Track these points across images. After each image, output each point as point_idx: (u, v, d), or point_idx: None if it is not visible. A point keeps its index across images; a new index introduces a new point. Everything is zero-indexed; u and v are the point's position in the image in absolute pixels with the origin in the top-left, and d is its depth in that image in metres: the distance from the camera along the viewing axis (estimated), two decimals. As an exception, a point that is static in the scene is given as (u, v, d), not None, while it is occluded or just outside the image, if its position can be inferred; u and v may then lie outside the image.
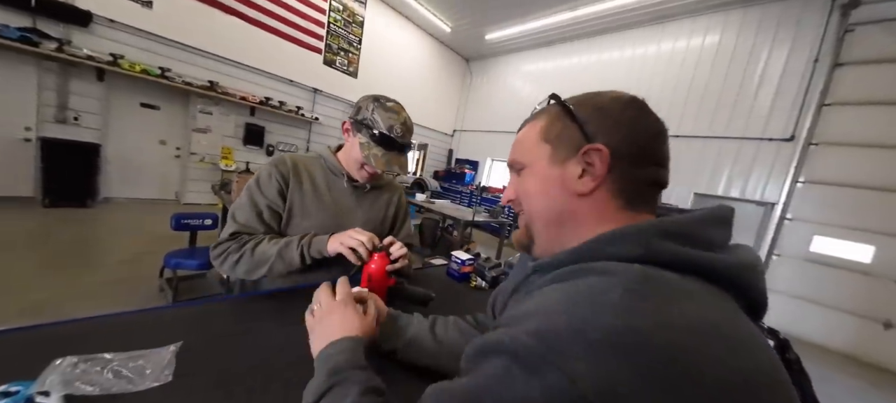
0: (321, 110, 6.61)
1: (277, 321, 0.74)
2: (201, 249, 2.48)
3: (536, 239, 0.45)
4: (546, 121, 0.44)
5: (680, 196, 5.38)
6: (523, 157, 0.46)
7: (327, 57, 6.54)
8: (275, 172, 0.94)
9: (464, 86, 9.55)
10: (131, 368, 0.52)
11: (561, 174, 0.41)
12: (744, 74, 4.89)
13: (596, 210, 0.40)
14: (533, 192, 0.44)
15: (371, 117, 0.89)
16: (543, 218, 0.44)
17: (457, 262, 1.19)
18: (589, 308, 0.28)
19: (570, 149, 0.41)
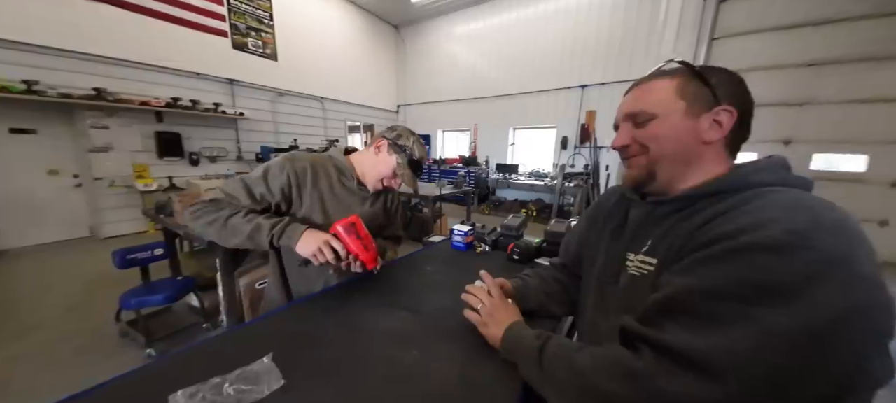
0: (245, 104, 5.90)
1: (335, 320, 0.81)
2: (161, 282, 2.24)
3: (660, 176, 0.55)
4: (679, 82, 0.53)
5: (610, 135, 6.02)
6: (654, 109, 0.53)
7: (236, 40, 5.74)
8: (288, 167, 0.97)
9: (399, 56, 9.15)
10: (244, 381, 0.56)
11: (694, 125, 0.51)
12: (650, 18, 5.49)
13: (713, 155, 0.53)
14: (665, 138, 0.53)
15: (410, 147, 1.03)
16: (672, 159, 0.53)
17: (459, 235, 1.31)
18: (806, 211, 0.38)
19: (703, 107, 0.51)
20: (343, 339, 0.74)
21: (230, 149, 5.81)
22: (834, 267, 0.34)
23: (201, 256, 3.31)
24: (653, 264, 0.53)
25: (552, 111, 6.76)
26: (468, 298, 0.75)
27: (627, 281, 0.57)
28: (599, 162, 6.15)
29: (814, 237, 0.35)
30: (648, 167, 0.55)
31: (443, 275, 1.11)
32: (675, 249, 0.49)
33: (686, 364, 0.38)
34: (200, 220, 0.90)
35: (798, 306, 0.34)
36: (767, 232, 0.37)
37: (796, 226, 0.36)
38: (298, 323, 0.81)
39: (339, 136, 7.41)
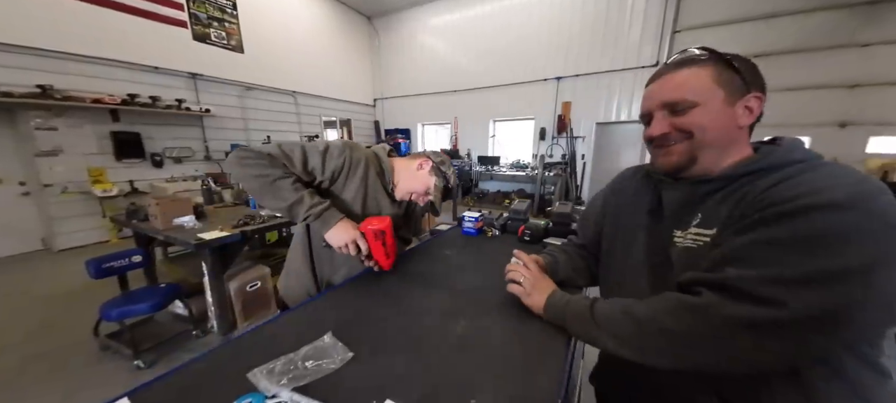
0: (210, 99, 5.54)
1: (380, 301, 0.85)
2: (144, 290, 2.11)
3: (701, 160, 0.59)
4: (714, 70, 0.56)
5: (585, 126, 6.37)
6: (696, 97, 0.56)
7: (197, 30, 5.36)
8: (347, 154, 1.01)
9: (373, 48, 8.94)
10: (314, 356, 0.59)
11: (733, 112, 0.56)
12: (619, 12, 5.77)
13: (744, 137, 0.59)
14: (708, 125, 0.56)
15: (449, 175, 1.12)
16: (714, 143, 0.57)
17: (470, 221, 1.37)
18: (852, 177, 0.45)
19: (737, 94, 0.56)
20: (392, 316, 0.78)
21: (197, 148, 5.46)
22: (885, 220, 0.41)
23: (183, 261, 3.13)
24: (709, 235, 0.55)
25: (530, 103, 6.93)
26: (511, 274, 0.81)
27: (681, 253, 0.59)
28: (576, 151, 6.44)
29: (868, 198, 0.42)
30: (691, 153, 0.58)
31: (465, 258, 1.17)
32: (737, 216, 0.51)
33: (742, 295, 0.44)
34: (248, 169, 0.89)
35: (850, 251, 0.41)
36: (826, 196, 0.43)
37: (851, 190, 0.43)
38: (345, 305, 0.83)
39: (315, 132, 7.17)
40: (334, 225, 0.93)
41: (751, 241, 0.47)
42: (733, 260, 0.47)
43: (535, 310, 0.75)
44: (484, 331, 0.71)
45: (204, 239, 1.98)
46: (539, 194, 5.89)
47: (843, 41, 4.39)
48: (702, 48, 0.59)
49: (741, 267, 0.46)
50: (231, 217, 2.49)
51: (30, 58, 3.67)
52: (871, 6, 4.19)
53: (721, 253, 0.49)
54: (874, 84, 4.31)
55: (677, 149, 0.59)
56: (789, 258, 0.43)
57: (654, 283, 0.64)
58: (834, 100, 4.56)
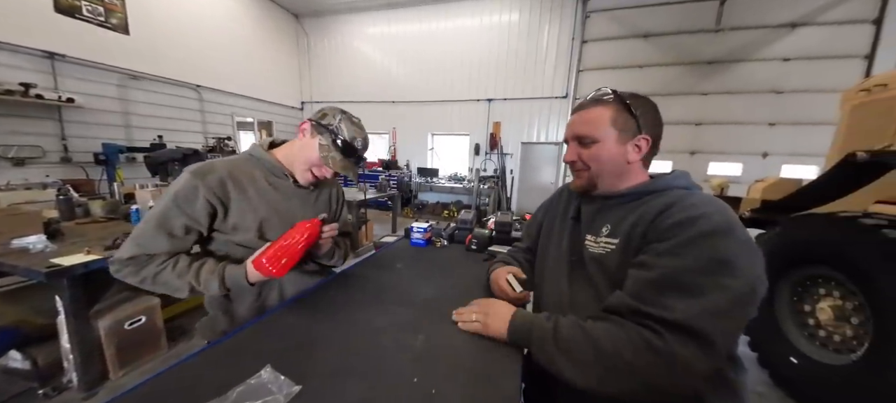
0: (75, 86, 4.41)
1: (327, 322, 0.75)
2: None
3: (599, 186, 0.72)
4: (614, 112, 0.67)
5: (513, 144, 6.97)
6: (596, 134, 0.68)
7: (62, 1, 4.27)
8: (202, 187, 0.80)
9: (300, 48, 8.32)
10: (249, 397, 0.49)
11: (622, 150, 0.68)
12: (537, 47, 6.56)
13: (635, 169, 0.71)
14: (603, 159, 0.69)
15: (337, 125, 0.89)
16: (609, 174, 0.70)
17: (419, 232, 1.34)
18: (714, 204, 0.57)
19: (628, 135, 0.67)
20: (343, 338, 0.69)
21: (51, 147, 4.24)
22: (751, 244, 0.54)
23: (21, 297, 2.31)
24: (614, 243, 0.66)
25: (465, 120, 7.32)
26: (462, 319, 0.77)
27: (591, 258, 0.70)
28: (506, 166, 6.97)
29: (734, 222, 0.55)
30: (590, 179, 0.73)
31: (417, 269, 1.13)
32: (639, 234, 0.62)
33: (690, 334, 0.50)
34: (129, 279, 0.80)
35: (740, 273, 0.51)
36: (713, 220, 0.54)
37: (724, 216, 0.55)
38: (283, 332, 0.72)
39: (225, 134, 6.23)
40: (246, 272, 0.82)
41: (675, 267, 0.54)
42: (667, 288, 0.54)
43: (497, 337, 0.71)
44: (444, 343, 0.69)
45: (59, 266, 1.51)
46: (476, 205, 6.18)
47: (690, 89, 5.79)
48: (612, 90, 0.70)
49: (677, 298, 0.52)
50: (102, 235, 1.97)
51: None
52: (709, 65, 5.62)
53: (655, 276, 0.56)
54: (711, 123, 5.76)
55: (583, 175, 0.73)
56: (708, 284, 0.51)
57: (570, 276, 0.76)
58: (686, 133, 5.93)
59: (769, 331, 1.98)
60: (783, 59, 5.25)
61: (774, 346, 1.96)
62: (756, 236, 2.14)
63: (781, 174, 5.37)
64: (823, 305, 1.78)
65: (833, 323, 1.72)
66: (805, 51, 5.13)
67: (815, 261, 1.82)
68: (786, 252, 1.93)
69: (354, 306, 0.84)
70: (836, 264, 1.70)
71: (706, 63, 5.64)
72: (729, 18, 5.32)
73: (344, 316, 0.79)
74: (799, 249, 1.89)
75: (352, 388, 0.54)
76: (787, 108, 5.34)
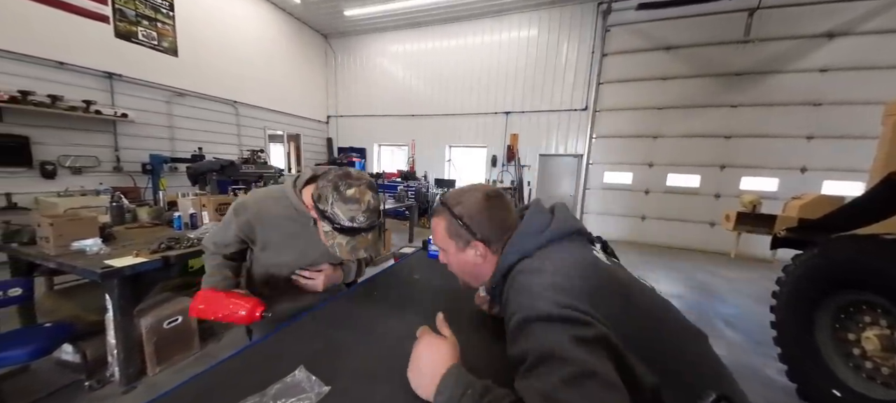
0: (129, 103, 4.86)
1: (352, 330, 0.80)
2: (21, 332, 1.68)
3: (473, 285, 0.77)
4: (446, 223, 0.70)
5: (531, 156, 6.96)
6: (442, 244, 0.73)
7: (122, 27, 4.77)
8: (233, 221, 1.01)
9: (328, 66, 8.78)
10: (286, 394, 0.53)
11: (465, 256, 0.70)
12: (555, 61, 6.59)
13: (488, 261, 0.69)
14: (455, 265, 0.73)
15: (331, 212, 0.83)
16: (470, 277, 0.75)
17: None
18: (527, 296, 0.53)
19: (465, 241, 0.68)
20: (366, 344, 0.74)
21: (105, 157, 4.66)
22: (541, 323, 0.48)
23: (74, 294, 2.55)
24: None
25: (483, 132, 7.42)
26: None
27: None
28: (523, 178, 6.95)
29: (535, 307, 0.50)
30: (464, 282, 0.77)
31: (434, 281, 1.17)
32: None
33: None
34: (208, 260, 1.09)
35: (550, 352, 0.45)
36: (518, 317, 0.51)
37: (526, 307, 0.51)
38: (314, 336, 0.77)
39: (259, 147, 6.60)
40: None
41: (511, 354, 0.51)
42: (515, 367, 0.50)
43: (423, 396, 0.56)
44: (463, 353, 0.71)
45: (113, 267, 1.66)
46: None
47: (718, 101, 5.59)
48: (442, 200, 0.73)
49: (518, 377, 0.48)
50: (149, 239, 2.14)
51: None
52: (738, 77, 5.41)
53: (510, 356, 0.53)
54: (743, 136, 5.50)
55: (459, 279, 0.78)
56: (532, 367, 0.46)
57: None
58: (715, 147, 5.69)
59: (810, 360, 1.85)
60: (820, 70, 4.98)
61: (815, 377, 1.82)
62: (792, 257, 2.02)
63: (823, 190, 5.03)
64: (869, 334, 1.65)
65: (880, 353, 1.59)
66: (844, 61, 4.86)
67: (858, 286, 1.70)
68: (826, 275, 1.81)
69: (376, 315, 0.89)
70: (882, 290, 1.58)
71: (735, 75, 5.44)
72: (759, 29, 5.14)
73: (367, 323, 0.84)
74: (840, 273, 1.77)
75: (376, 391, 0.58)
76: (826, 121, 5.03)
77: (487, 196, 0.68)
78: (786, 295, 1.95)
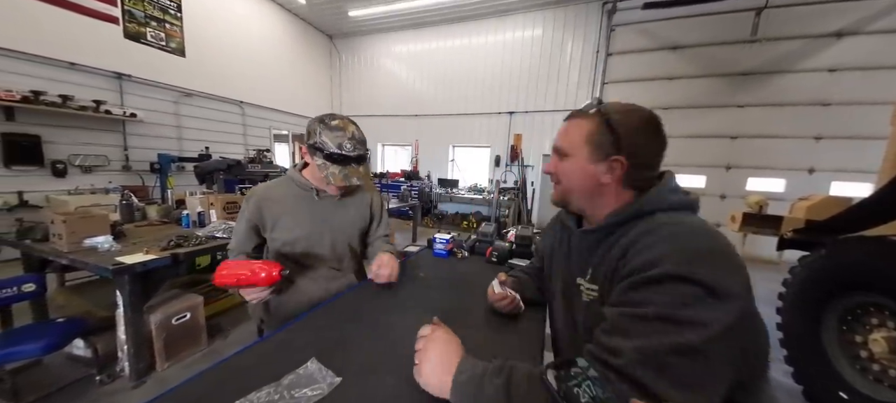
0: (137, 103, 4.91)
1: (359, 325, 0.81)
2: (33, 327, 1.72)
3: (571, 204, 0.67)
4: (592, 128, 0.61)
5: (534, 157, 6.95)
6: (569, 149, 0.63)
7: (131, 28, 4.83)
8: (244, 209, 1.08)
9: (332, 66, 8.82)
10: (300, 384, 0.55)
11: (594, 169, 0.61)
12: (560, 61, 6.57)
13: (613, 191, 0.62)
14: (571, 176, 0.63)
15: (320, 140, 0.92)
16: (578, 193, 0.64)
17: (441, 243, 1.40)
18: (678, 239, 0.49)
19: (603, 154, 0.60)
20: (375, 338, 0.76)
21: (114, 156, 4.73)
22: (710, 294, 0.43)
23: (85, 290, 2.60)
24: (596, 290, 0.61)
25: (486, 132, 7.42)
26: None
27: (583, 306, 0.64)
28: (527, 178, 6.94)
29: (694, 269, 0.45)
30: (561, 195, 0.67)
31: (439, 279, 1.19)
32: (608, 278, 0.56)
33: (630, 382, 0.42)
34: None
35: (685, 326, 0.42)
36: (664, 266, 0.46)
37: (680, 257, 0.46)
38: (325, 330, 0.79)
39: (264, 147, 6.67)
40: None
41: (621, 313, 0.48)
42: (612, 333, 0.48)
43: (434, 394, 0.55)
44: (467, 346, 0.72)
45: (124, 263, 1.70)
46: (495, 217, 6.18)
47: (724, 102, 5.53)
48: (599, 102, 0.64)
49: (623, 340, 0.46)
50: (158, 237, 2.18)
51: None
52: (745, 77, 5.36)
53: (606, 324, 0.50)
54: (749, 136, 5.46)
55: (556, 189, 0.69)
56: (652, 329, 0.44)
57: (565, 321, 0.73)
58: (721, 147, 5.64)
59: (816, 363, 1.84)
60: (829, 70, 4.92)
61: (822, 380, 1.81)
62: (799, 258, 2.01)
63: (831, 191, 4.97)
64: (877, 336, 1.63)
65: (888, 356, 1.58)
66: (853, 61, 4.79)
67: (865, 288, 1.69)
68: (832, 277, 1.80)
69: (384, 310, 0.91)
70: (889, 292, 1.57)
71: (741, 74, 5.39)
72: (766, 29, 5.09)
73: (375, 318, 0.86)
74: (847, 274, 1.76)
75: (385, 384, 0.60)
76: (834, 121, 4.97)
77: (653, 119, 0.60)
78: (792, 297, 1.95)
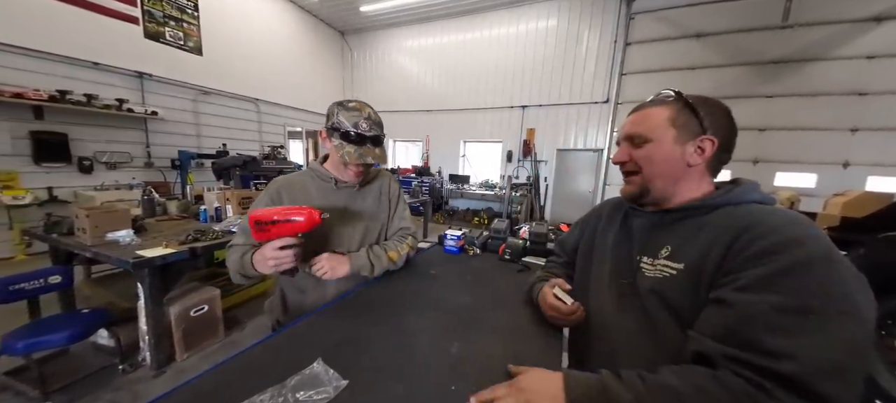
0: (158, 101, 5.06)
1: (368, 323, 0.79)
2: (59, 317, 1.79)
3: (653, 192, 0.64)
4: (673, 111, 0.61)
5: (547, 152, 6.81)
6: (650, 134, 0.62)
7: (150, 28, 4.96)
8: (265, 195, 1.05)
9: (344, 62, 8.87)
10: (305, 386, 0.54)
11: (680, 151, 0.61)
12: (575, 52, 6.38)
13: (697, 175, 0.63)
14: (657, 161, 0.62)
15: (337, 120, 0.96)
16: (663, 177, 0.63)
17: (452, 239, 1.37)
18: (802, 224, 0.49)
19: (690, 134, 0.60)
20: (383, 338, 0.74)
21: (137, 153, 4.90)
22: (855, 271, 0.45)
23: (109, 282, 2.71)
24: (676, 268, 0.58)
25: (498, 127, 7.30)
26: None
27: (648, 284, 0.61)
28: (539, 174, 6.82)
29: (831, 247, 0.46)
30: (642, 184, 0.65)
31: (450, 276, 1.15)
32: (714, 260, 0.52)
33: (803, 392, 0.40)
34: (231, 267, 0.97)
35: (858, 310, 0.43)
36: (808, 247, 0.46)
37: (821, 240, 0.47)
38: (331, 328, 0.78)
39: (278, 143, 6.79)
40: (255, 263, 0.89)
41: (776, 306, 0.45)
42: (770, 330, 0.44)
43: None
44: (479, 352, 0.70)
45: (144, 257, 1.75)
46: (507, 212, 6.10)
47: (752, 92, 5.25)
48: (674, 91, 0.64)
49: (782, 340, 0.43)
50: (177, 231, 2.24)
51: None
52: (774, 65, 5.07)
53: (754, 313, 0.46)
54: (779, 128, 5.18)
55: (634, 180, 0.66)
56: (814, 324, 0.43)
57: (618, 303, 0.67)
58: (748, 140, 5.36)
59: (849, 368, 1.73)
60: (867, 57, 4.60)
61: (856, 386, 1.70)
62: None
63: (867, 187, 4.67)
64: (920, 342, 1.52)
65: (933, 364, 1.47)
66: (893, 47, 4.46)
67: (908, 291, 1.57)
68: (871, 278, 1.67)
69: (393, 308, 0.89)
70: (937, 295, 1.45)
71: (770, 63, 5.10)
72: (799, 14, 4.78)
73: (383, 317, 0.84)
74: (887, 275, 1.64)
75: (394, 387, 0.58)
76: (872, 112, 4.65)
77: (726, 106, 0.62)
78: (826, 299, 1.83)
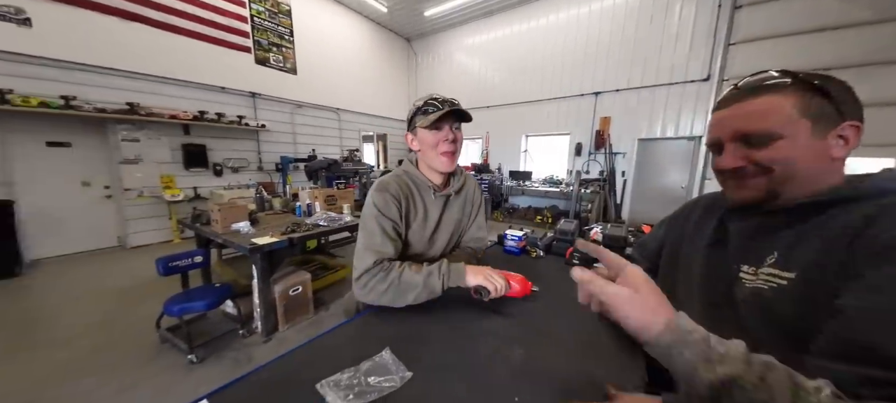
0: (265, 116, 6.07)
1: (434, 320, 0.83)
2: (201, 289, 2.29)
3: (784, 195, 0.53)
4: (798, 98, 0.50)
5: (626, 143, 6.08)
6: (779, 129, 0.50)
7: (259, 55, 5.94)
8: (389, 197, 0.98)
9: (410, 67, 9.36)
10: (376, 372, 0.58)
11: (823, 144, 0.50)
12: (664, 24, 5.53)
13: (839, 170, 0.52)
14: (794, 159, 0.50)
15: (414, 107, 1.00)
16: (804, 178, 0.51)
17: (513, 239, 1.32)
18: None
19: (829, 124, 0.49)
20: (446, 336, 0.76)
21: (252, 159, 5.95)
22: None
23: (234, 263, 3.36)
24: (787, 278, 0.49)
25: (565, 118, 6.79)
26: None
27: (750, 296, 0.53)
28: (615, 167, 6.14)
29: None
30: (769, 188, 0.53)
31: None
32: (836, 263, 0.45)
33: None
34: (374, 291, 0.88)
35: None
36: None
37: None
38: (399, 321, 0.83)
39: (354, 147, 7.53)
40: (465, 273, 0.89)
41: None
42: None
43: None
44: (544, 363, 0.67)
45: (257, 244, 2.11)
46: (575, 211, 5.65)
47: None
48: (782, 71, 0.52)
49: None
50: (279, 224, 2.65)
51: (121, 78, 4.28)
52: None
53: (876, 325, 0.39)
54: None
55: (754, 184, 0.54)
56: None
57: (709, 317, 0.53)
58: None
59: None
60: None
61: None
62: None
63: None
64: None
65: None
66: None
67: None
68: None
69: (455, 307, 0.90)
70: None
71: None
72: None
73: (446, 315, 0.86)
74: None
75: (455, 387, 0.59)
76: None
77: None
78: None
